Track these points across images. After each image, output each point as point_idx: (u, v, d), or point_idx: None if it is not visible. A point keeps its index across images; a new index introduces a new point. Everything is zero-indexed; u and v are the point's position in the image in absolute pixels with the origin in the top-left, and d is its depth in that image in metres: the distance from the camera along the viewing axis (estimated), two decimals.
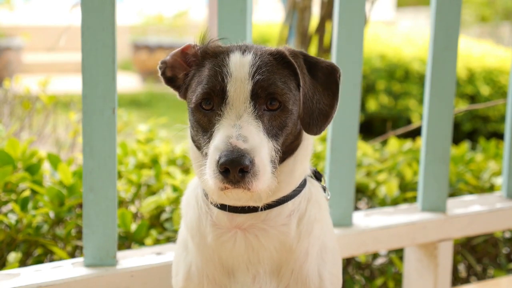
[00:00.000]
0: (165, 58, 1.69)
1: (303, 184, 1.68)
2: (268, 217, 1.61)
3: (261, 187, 1.45)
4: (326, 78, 1.62)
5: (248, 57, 1.56)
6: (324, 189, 1.78)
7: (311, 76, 1.61)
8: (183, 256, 1.72)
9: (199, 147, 1.60)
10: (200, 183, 1.66)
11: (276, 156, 1.52)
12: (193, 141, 1.64)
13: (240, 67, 1.54)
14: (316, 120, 1.58)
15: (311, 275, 1.65)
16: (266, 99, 1.53)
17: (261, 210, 1.59)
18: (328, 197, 1.79)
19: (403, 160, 3.26)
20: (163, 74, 1.71)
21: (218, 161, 1.42)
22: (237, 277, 1.63)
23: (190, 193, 1.75)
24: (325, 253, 1.71)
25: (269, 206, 1.60)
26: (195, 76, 1.62)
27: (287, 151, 1.59)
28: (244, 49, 1.59)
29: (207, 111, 1.55)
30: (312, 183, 1.73)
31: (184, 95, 1.68)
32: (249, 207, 1.59)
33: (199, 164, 1.58)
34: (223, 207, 1.61)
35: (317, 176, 1.78)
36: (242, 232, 1.61)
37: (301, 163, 1.64)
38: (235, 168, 1.40)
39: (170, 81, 1.71)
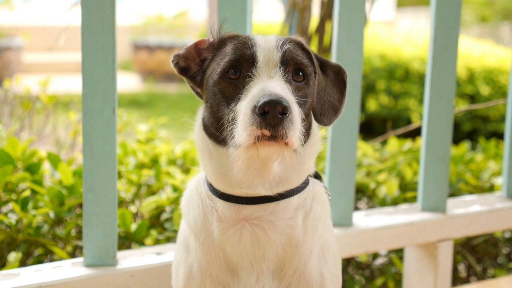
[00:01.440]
0: (178, 52, 1.71)
1: (307, 182, 1.69)
2: (276, 209, 1.60)
3: (295, 140, 1.44)
4: (334, 76, 1.70)
5: (272, 37, 1.63)
6: (325, 188, 1.79)
7: (322, 72, 1.68)
8: (184, 257, 1.72)
9: (217, 122, 1.57)
10: (209, 168, 1.63)
11: (302, 124, 1.52)
12: (206, 127, 1.63)
13: (266, 41, 1.60)
14: (327, 112, 1.65)
15: (314, 274, 1.65)
16: (294, 67, 1.57)
17: (271, 199, 1.59)
18: (330, 198, 1.79)
19: (403, 160, 3.26)
20: (176, 64, 1.71)
21: (256, 106, 1.41)
22: (241, 276, 1.63)
23: (192, 192, 1.75)
24: (327, 252, 1.71)
25: (276, 199, 1.60)
26: (215, 57, 1.64)
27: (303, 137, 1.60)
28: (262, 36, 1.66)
29: (233, 79, 1.56)
30: (316, 183, 1.74)
31: (200, 81, 1.69)
32: (257, 198, 1.59)
33: (212, 145, 1.60)
34: (229, 198, 1.61)
35: (317, 177, 1.78)
36: (249, 225, 1.60)
37: (309, 158, 1.66)
38: (275, 107, 1.39)
39: (184, 71, 1.72)
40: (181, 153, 3.12)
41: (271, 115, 1.39)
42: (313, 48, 5.26)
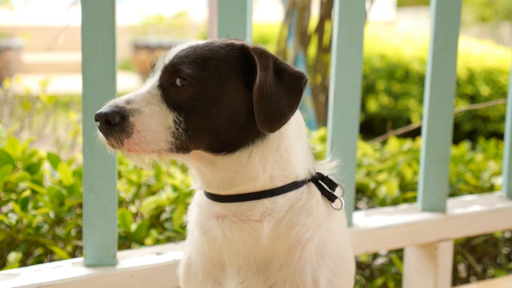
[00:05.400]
0: None
1: (290, 187, 1.64)
2: (239, 210, 1.61)
3: (137, 146, 1.50)
4: (291, 83, 1.62)
5: (191, 43, 1.63)
6: (333, 197, 1.73)
7: (276, 78, 1.60)
8: (184, 250, 1.80)
9: None
10: None
11: (178, 128, 1.53)
12: None
13: (174, 49, 1.63)
14: (270, 118, 1.56)
15: (304, 279, 1.63)
16: (173, 74, 1.56)
17: (243, 199, 1.61)
18: (339, 207, 1.73)
19: (403, 160, 3.26)
20: None
21: None
22: (227, 269, 1.66)
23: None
24: (323, 259, 1.67)
25: (244, 199, 1.61)
26: None
27: (235, 141, 1.57)
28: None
29: None
30: (310, 190, 1.69)
31: None
32: (228, 197, 1.62)
33: None
34: (209, 196, 1.66)
35: (329, 184, 1.73)
36: (219, 223, 1.64)
37: (264, 161, 1.60)
38: (100, 119, 1.50)
39: None
40: None
41: (101, 126, 1.51)
42: (312, 48, 5.26)
